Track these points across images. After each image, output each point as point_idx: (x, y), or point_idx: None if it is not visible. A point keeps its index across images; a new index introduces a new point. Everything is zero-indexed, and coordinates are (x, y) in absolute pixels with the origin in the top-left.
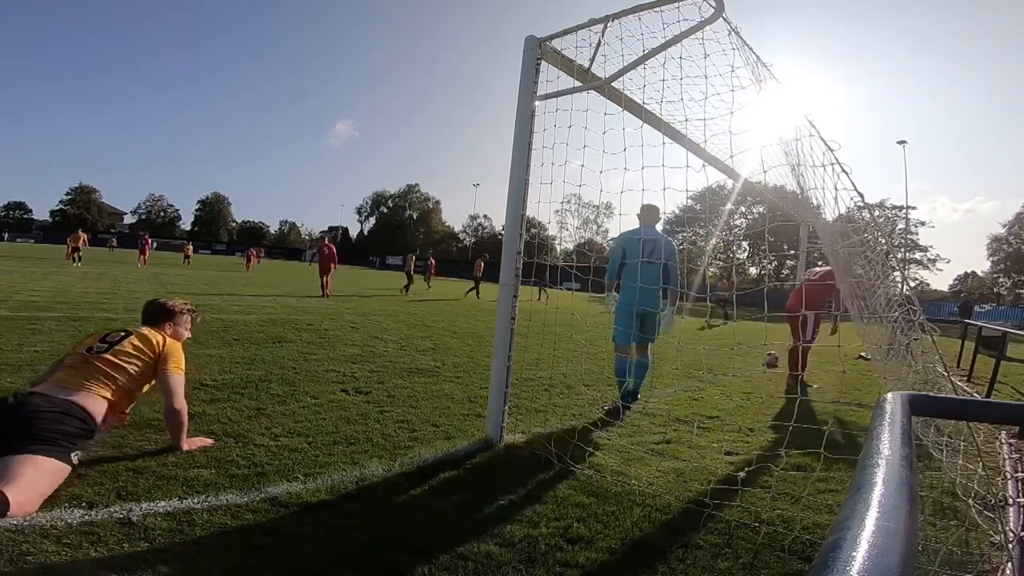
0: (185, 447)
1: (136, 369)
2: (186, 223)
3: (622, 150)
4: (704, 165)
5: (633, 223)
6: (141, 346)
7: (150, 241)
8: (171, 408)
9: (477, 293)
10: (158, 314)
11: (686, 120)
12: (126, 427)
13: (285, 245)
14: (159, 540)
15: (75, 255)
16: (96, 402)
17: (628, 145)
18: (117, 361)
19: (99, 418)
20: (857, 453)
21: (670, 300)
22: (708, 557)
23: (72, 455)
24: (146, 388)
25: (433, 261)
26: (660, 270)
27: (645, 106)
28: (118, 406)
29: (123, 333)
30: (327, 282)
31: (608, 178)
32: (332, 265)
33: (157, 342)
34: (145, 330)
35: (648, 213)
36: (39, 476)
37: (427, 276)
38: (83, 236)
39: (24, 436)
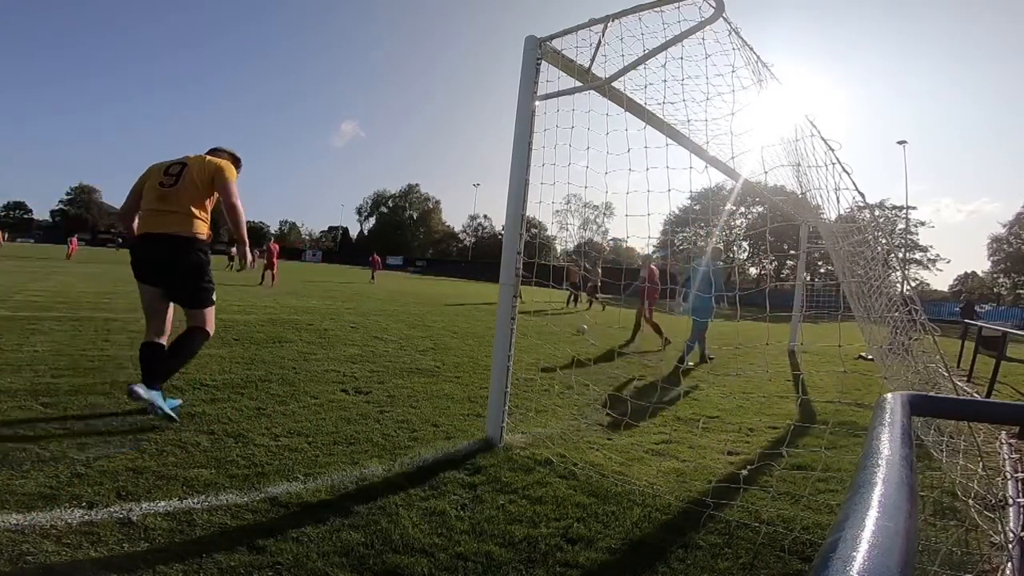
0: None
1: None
2: None
3: (625, 151)
4: (707, 167)
5: (635, 223)
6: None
7: None
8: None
9: (576, 301)
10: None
11: (688, 121)
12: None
13: (284, 245)
14: (159, 540)
15: None
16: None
17: (630, 146)
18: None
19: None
20: (857, 453)
21: (714, 300)
22: (708, 557)
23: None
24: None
25: (377, 257)
26: (709, 286)
27: (646, 107)
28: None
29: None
30: (274, 275)
31: (609, 179)
32: (275, 260)
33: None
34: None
35: (711, 253)
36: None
37: (373, 271)
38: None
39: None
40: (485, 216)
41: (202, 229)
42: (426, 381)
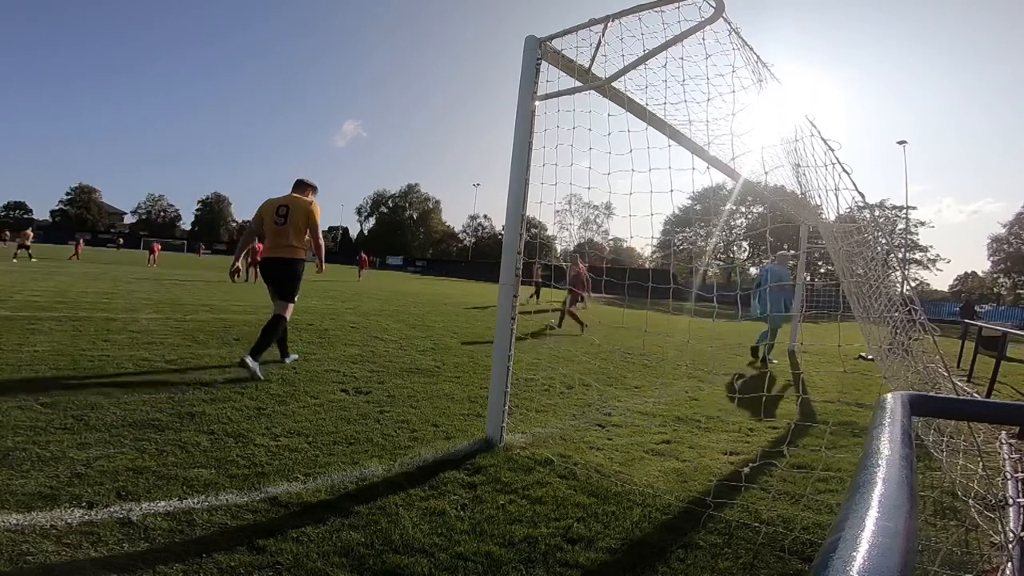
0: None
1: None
2: (186, 223)
3: (626, 152)
4: (708, 167)
5: (636, 224)
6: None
7: (158, 248)
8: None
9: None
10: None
11: (689, 122)
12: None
13: None
14: (159, 540)
15: (25, 251)
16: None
17: (631, 147)
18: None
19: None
20: (857, 453)
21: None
22: (708, 557)
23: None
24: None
25: (365, 256)
26: (778, 287)
27: (647, 107)
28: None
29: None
30: (252, 271)
31: (610, 180)
32: (257, 258)
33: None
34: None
35: (780, 259)
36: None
37: (360, 269)
38: (30, 233)
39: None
40: (485, 216)
41: (301, 253)
42: (426, 381)
